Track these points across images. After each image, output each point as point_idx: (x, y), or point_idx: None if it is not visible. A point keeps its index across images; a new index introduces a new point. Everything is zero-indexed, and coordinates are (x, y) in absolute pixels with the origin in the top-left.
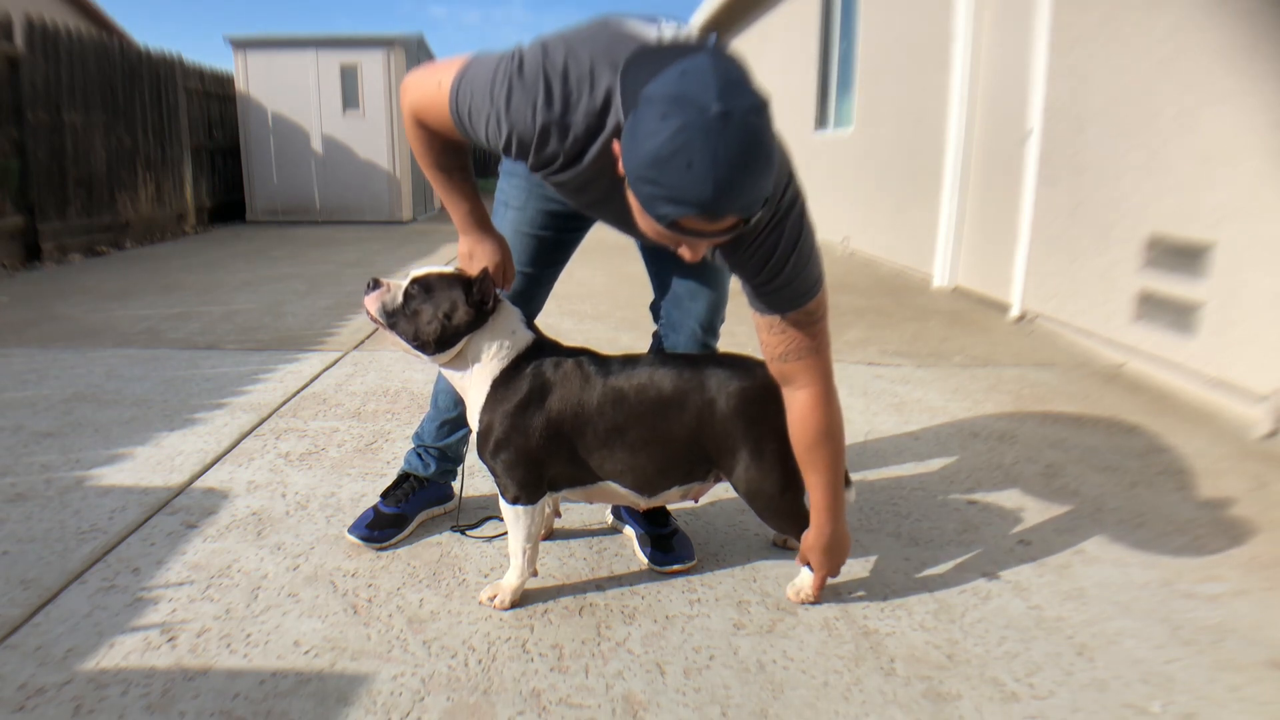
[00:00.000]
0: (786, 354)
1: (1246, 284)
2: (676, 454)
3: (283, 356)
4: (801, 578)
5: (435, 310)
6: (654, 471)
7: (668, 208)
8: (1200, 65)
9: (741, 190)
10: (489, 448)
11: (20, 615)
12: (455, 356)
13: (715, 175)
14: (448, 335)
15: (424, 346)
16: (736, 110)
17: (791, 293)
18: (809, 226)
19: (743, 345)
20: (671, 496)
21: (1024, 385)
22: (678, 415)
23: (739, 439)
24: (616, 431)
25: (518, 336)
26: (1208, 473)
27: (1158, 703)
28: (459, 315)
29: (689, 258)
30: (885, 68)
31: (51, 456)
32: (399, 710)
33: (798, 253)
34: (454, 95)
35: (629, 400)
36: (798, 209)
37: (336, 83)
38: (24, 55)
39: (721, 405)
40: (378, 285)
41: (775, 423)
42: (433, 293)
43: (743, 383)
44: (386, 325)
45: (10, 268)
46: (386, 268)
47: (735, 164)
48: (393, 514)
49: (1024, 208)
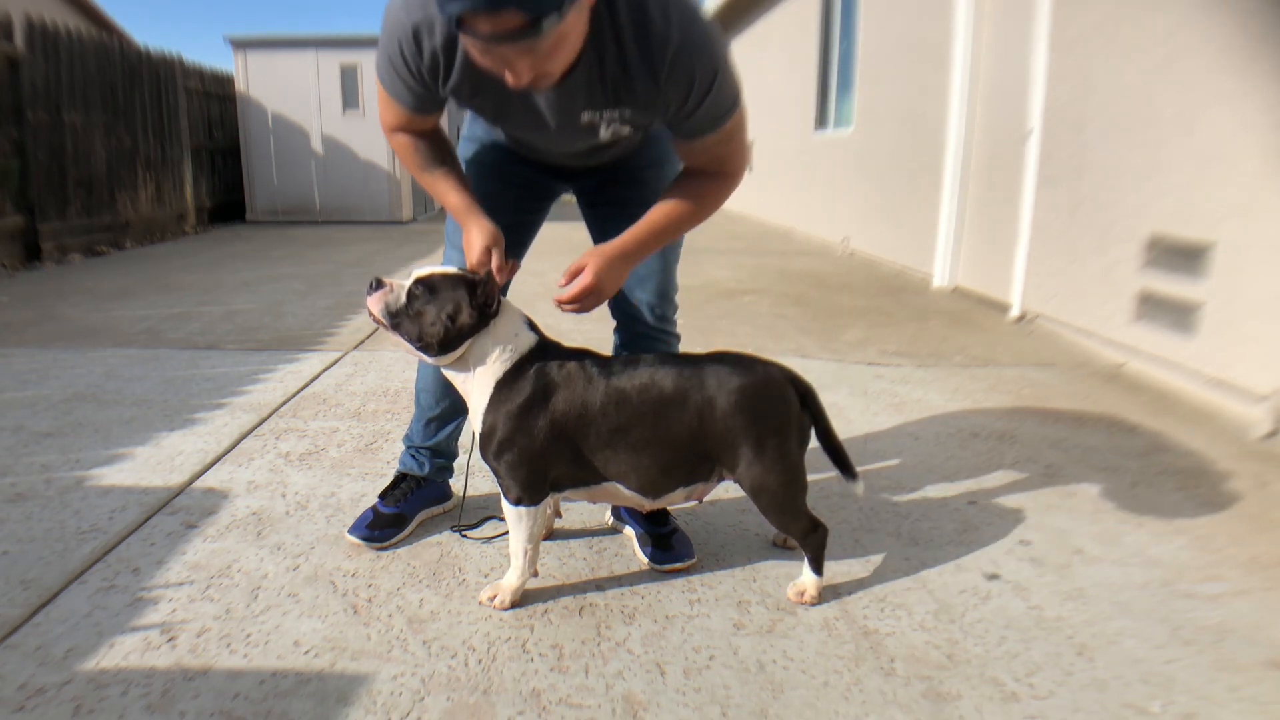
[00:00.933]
0: (706, 165)
1: (1246, 284)
2: (679, 454)
3: (283, 356)
4: (804, 578)
5: (439, 311)
6: (657, 472)
7: (441, 3)
8: (1200, 65)
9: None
10: (492, 448)
11: (20, 615)
12: (458, 358)
13: None
14: (451, 337)
15: (427, 348)
16: None
17: (706, 117)
18: (718, 54)
19: (742, 344)
20: (676, 498)
21: (1024, 385)
22: (679, 414)
23: (740, 436)
24: (620, 432)
25: (521, 338)
26: (1208, 473)
27: (1158, 703)
28: (463, 317)
29: (511, 82)
30: (885, 68)
31: (51, 456)
32: (399, 710)
33: (715, 90)
34: (377, 71)
35: (631, 400)
36: (699, 36)
37: (336, 83)
38: (24, 55)
39: (721, 402)
40: (381, 285)
41: (776, 420)
42: (436, 293)
43: (742, 379)
44: (390, 326)
45: (10, 268)
46: (386, 268)
47: None
48: (392, 514)
49: (1024, 208)
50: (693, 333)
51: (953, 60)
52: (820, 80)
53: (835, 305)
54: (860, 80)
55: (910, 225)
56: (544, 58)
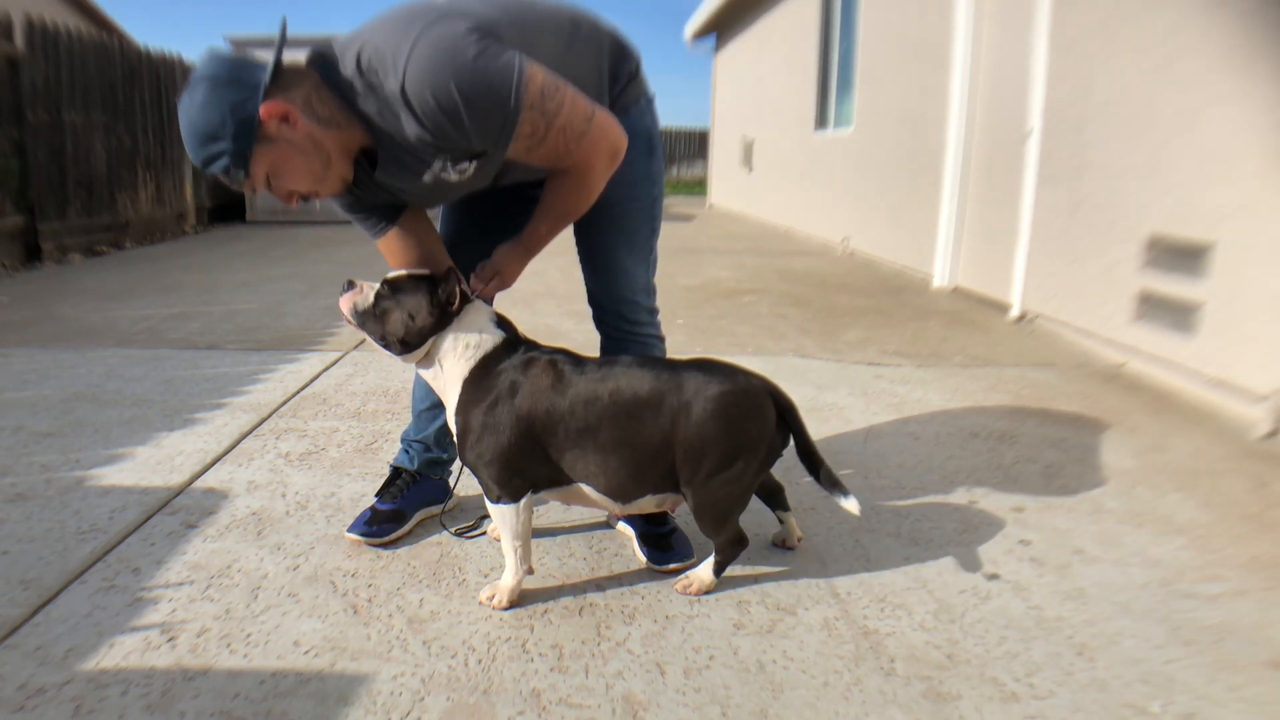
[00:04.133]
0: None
1: (1246, 284)
2: (649, 459)
3: (283, 356)
4: (701, 570)
5: (402, 311)
6: (625, 476)
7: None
8: (1200, 65)
9: (192, 151)
10: (466, 447)
11: (20, 615)
12: (425, 356)
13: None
14: (411, 336)
15: (390, 346)
16: (193, 78)
17: (491, 137)
18: (443, 81)
19: (742, 344)
20: (646, 505)
21: (1024, 385)
22: (652, 418)
23: (709, 445)
24: (588, 432)
25: (485, 336)
26: (1208, 472)
27: (1158, 703)
28: (422, 316)
29: (288, 204)
30: (885, 68)
31: (51, 456)
32: (399, 710)
33: (468, 110)
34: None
35: (602, 400)
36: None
37: None
38: (24, 55)
39: (697, 409)
40: (352, 286)
41: (749, 434)
42: (400, 294)
43: (722, 387)
44: (358, 325)
45: (10, 268)
46: (386, 268)
47: (185, 127)
48: (390, 510)
49: (1024, 208)
50: (693, 333)
51: (953, 60)
52: (820, 80)
53: (835, 305)
54: (860, 80)
55: (910, 225)
56: (280, 184)
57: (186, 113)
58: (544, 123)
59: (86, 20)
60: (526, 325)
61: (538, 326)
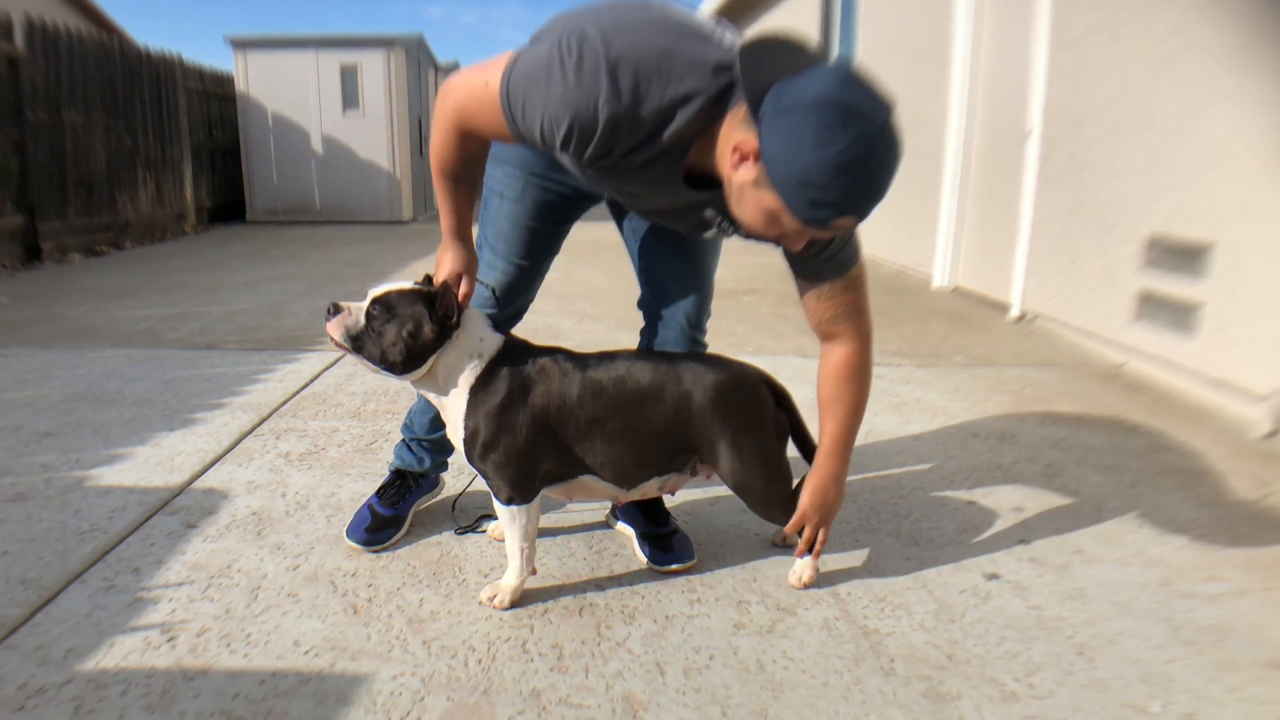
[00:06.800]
0: (834, 318)
1: (1246, 284)
2: (654, 445)
3: (283, 356)
4: (801, 562)
5: (400, 329)
6: (632, 463)
7: (827, 211)
8: (1200, 65)
9: (888, 192)
10: (477, 451)
11: (20, 615)
12: (426, 373)
13: (884, 182)
14: (414, 353)
15: (392, 367)
16: (892, 119)
17: (840, 261)
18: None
19: (742, 344)
20: (649, 489)
21: (1024, 385)
22: (656, 406)
23: (716, 430)
24: (596, 422)
25: (487, 341)
26: (1207, 473)
27: (1158, 703)
28: (425, 333)
29: (794, 248)
30: (885, 68)
31: (51, 456)
32: (399, 710)
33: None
34: (504, 92)
35: (608, 391)
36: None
37: (336, 83)
38: (24, 55)
39: (698, 397)
40: (338, 310)
41: (750, 415)
42: (395, 311)
43: (717, 376)
44: (352, 349)
45: (10, 268)
46: (387, 268)
47: (895, 170)
48: (389, 515)
49: (1024, 208)
50: None
51: (953, 60)
52: None
53: None
54: None
55: (910, 225)
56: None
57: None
58: (863, 274)
59: (86, 20)
60: (526, 325)
61: (537, 326)
